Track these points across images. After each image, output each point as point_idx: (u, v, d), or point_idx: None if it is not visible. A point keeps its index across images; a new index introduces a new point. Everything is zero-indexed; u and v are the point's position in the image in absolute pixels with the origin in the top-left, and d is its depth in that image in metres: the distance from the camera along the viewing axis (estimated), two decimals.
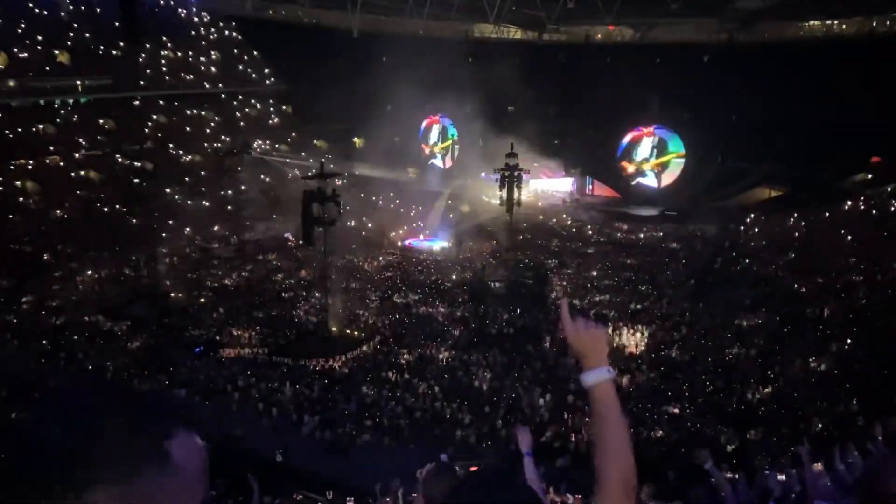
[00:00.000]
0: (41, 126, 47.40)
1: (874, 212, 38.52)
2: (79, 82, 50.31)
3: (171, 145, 51.72)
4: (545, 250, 43.77)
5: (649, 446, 19.90)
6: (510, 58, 51.90)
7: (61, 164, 46.44)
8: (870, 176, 44.24)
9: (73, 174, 46.17)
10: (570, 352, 2.64)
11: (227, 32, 61.46)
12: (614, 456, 2.40)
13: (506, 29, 54.19)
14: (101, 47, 51.94)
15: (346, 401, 23.56)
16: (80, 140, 48.30)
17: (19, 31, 48.40)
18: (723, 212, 47.19)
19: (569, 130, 55.26)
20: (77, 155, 47.64)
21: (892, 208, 37.54)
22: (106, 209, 43.94)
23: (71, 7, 49.62)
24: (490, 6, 40.68)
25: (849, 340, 25.66)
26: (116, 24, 51.20)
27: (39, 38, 48.99)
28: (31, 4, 50.18)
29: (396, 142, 59.98)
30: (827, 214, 41.30)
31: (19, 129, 45.97)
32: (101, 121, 50.35)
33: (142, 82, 53.48)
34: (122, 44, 50.86)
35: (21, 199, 42.37)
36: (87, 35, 51.86)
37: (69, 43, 50.68)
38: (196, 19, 60.36)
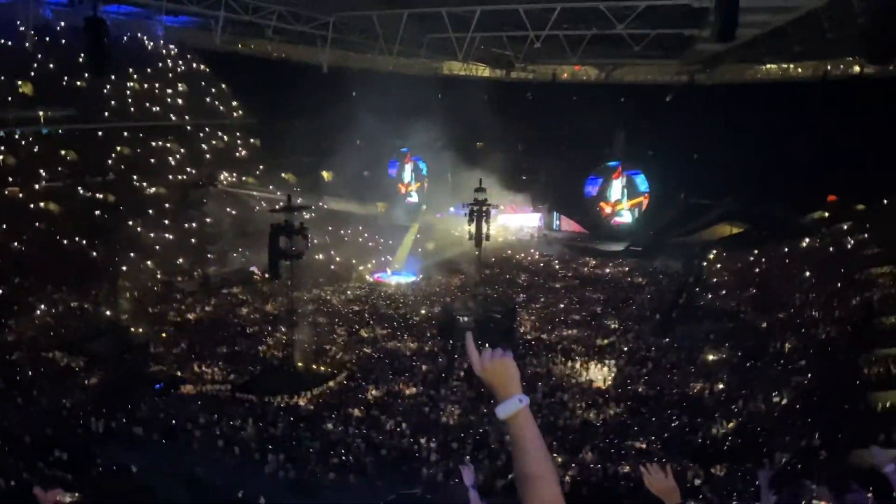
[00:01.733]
0: (0, 157, 46.50)
1: (831, 248, 39.66)
2: (41, 113, 49.58)
3: (135, 177, 51.10)
4: (514, 284, 44.01)
5: (616, 482, 19.96)
6: (479, 94, 52.79)
7: (20, 195, 45.50)
8: (826, 214, 45.65)
9: (31, 206, 45.22)
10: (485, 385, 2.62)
11: (194, 65, 61.34)
12: (537, 487, 2.33)
13: (474, 67, 55.14)
14: (66, 78, 51.35)
15: (311, 438, 23.17)
16: (41, 171, 47.43)
17: None
18: (686, 247, 48.23)
19: (537, 166, 56.22)
20: (37, 186, 46.73)
21: (849, 245, 38.67)
22: (66, 242, 43.05)
23: (35, 38, 48.96)
24: (459, 45, 41.31)
25: (809, 375, 26.13)
26: (82, 55, 50.75)
27: (2, 68, 48.27)
28: None
29: (365, 176, 60.22)
30: (786, 250, 42.43)
31: None
32: (64, 152, 49.61)
33: (106, 114, 52.95)
34: (87, 75, 50.26)
35: None
36: (52, 66, 51.27)
37: (32, 74, 50.03)
38: (164, 51, 60.12)
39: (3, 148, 46.66)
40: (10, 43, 49.59)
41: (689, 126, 45.86)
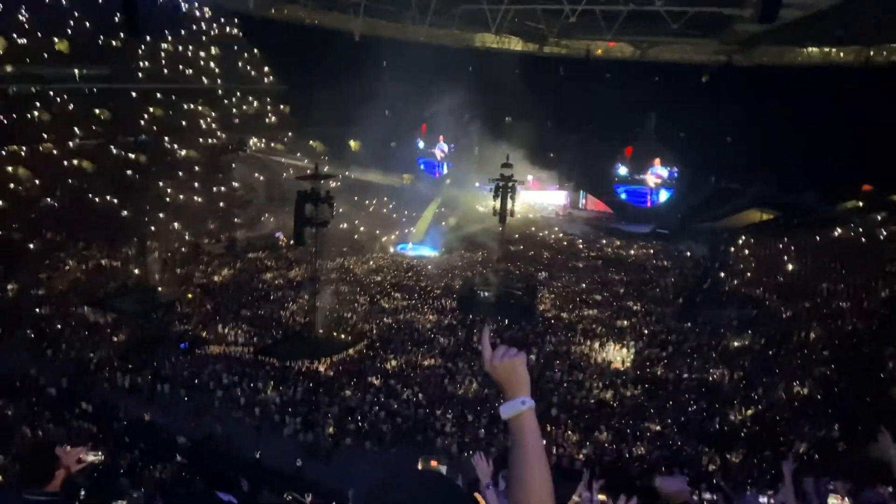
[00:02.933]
0: (36, 113, 47.19)
1: (863, 239, 38.81)
2: (76, 71, 50.15)
3: (166, 139, 51.62)
4: (536, 262, 43.88)
5: (631, 463, 19.98)
6: (510, 68, 52.08)
7: (54, 151, 46.25)
8: (860, 203, 44.63)
9: (65, 163, 45.99)
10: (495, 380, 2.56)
11: (228, 29, 61.53)
12: (530, 489, 2.31)
13: (507, 39, 54.36)
14: (101, 37, 51.80)
15: (329, 404, 23.47)
16: (75, 129, 48.12)
17: (20, 17, 48.20)
18: (714, 232, 47.52)
19: (565, 144, 55.44)
20: (71, 144, 47.45)
21: (881, 237, 37.81)
22: (97, 200, 43.77)
23: None
24: (492, 17, 40.68)
25: (832, 366, 25.83)
26: (117, 15, 51.12)
27: (39, 25, 48.77)
28: None
29: (392, 147, 60.01)
30: (817, 239, 41.62)
31: (14, 116, 45.74)
32: (98, 111, 50.18)
33: (140, 74, 53.35)
34: (122, 35, 50.63)
35: (12, 185, 42.14)
36: (88, 25, 51.71)
37: (69, 31, 50.51)
38: (198, 14, 60.32)
39: (38, 104, 47.39)
40: (47, 0, 50.04)
41: (723, 108, 44.75)
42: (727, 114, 44.89)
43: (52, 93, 48.64)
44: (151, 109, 52.94)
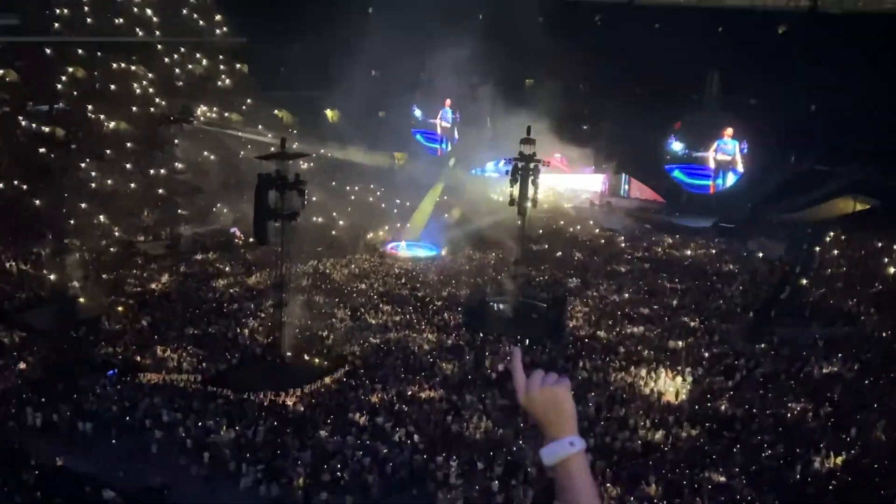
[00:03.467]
0: None
1: None
2: None
3: (90, 107, 51.48)
4: (565, 265, 43.92)
5: None
6: (531, 16, 52.14)
7: None
8: None
9: None
10: (532, 416, 2.58)
11: None
12: None
13: None
14: None
15: (300, 447, 23.50)
16: None
17: None
18: (793, 226, 47.43)
19: (603, 113, 55.39)
20: None
21: None
22: (1, 186, 43.70)
23: None
24: None
25: None
26: None
27: None
28: None
29: (381, 117, 60.09)
30: None
31: None
32: (2, 72, 50.15)
33: (56, 24, 53.20)
34: None
35: None
36: None
37: None
38: None
39: None
40: None
41: (806, 68, 44.77)
42: (812, 75, 44.80)
43: None
44: (70, 69, 52.78)
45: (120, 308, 34.51)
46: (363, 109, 53.67)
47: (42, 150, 46.98)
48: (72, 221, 40.86)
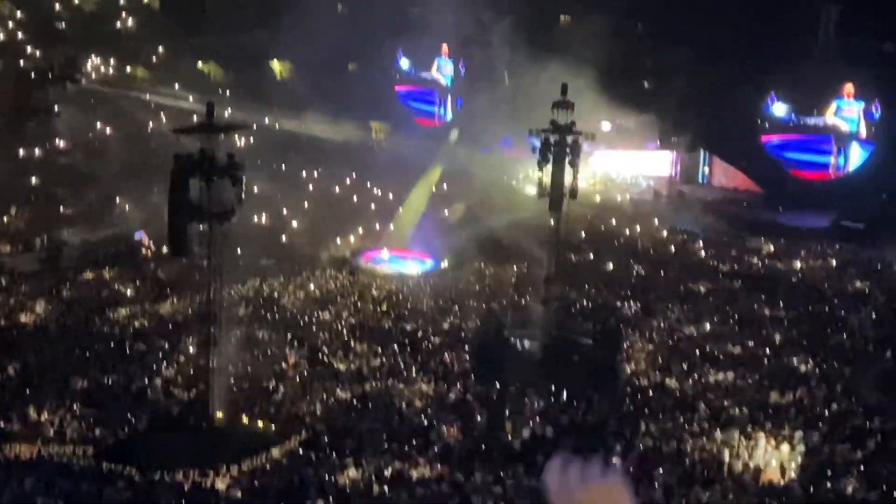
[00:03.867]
0: None
1: None
2: None
3: None
4: (619, 284, 44.05)
5: None
6: None
7: None
8: None
9: None
10: None
11: None
12: None
13: None
14: None
15: None
16: None
17: None
18: None
19: (672, 65, 55.25)
20: None
21: None
22: None
23: None
24: None
25: None
26: None
27: None
28: None
29: (351, 72, 59.91)
30: None
31: None
32: None
33: None
34: None
35: None
36: None
37: None
38: None
39: None
40: None
41: None
42: None
43: None
44: None
45: None
46: (325, 61, 53.47)
47: None
48: None
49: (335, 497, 26.10)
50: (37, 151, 47.17)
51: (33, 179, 46.69)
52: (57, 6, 57.80)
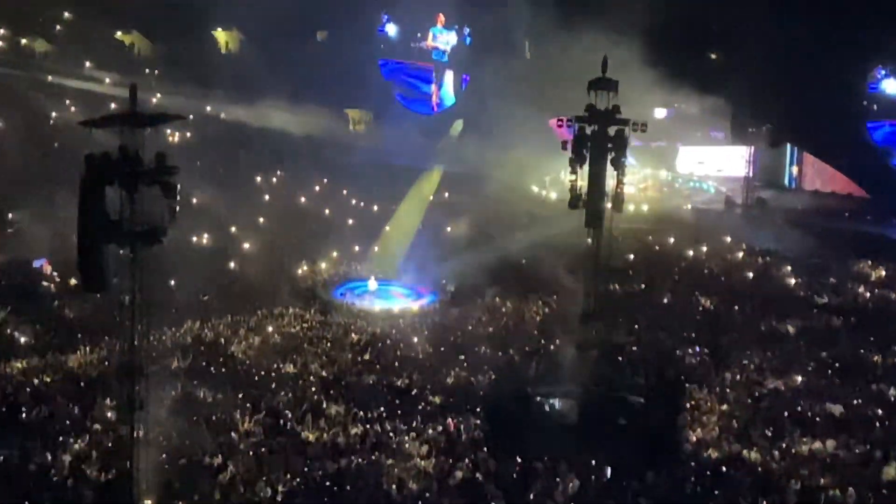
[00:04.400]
0: None
1: None
2: None
3: None
4: (679, 321, 44.15)
5: None
6: None
7: None
8: None
9: None
10: None
11: None
12: None
13: None
14: None
15: None
16: None
17: None
18: None
19: (745, 32, 55.40)
20: None
21: None
22: None
23: None
24: None
25: None
26: None
27: None
28: None
29: (320, 42, 60.07)
30: None
31: None
32: None
33: None
34: None
35: None
36: None
37: None
38: None
39: None
40: None
41: None
42: None
43: None
44: None
45: None
46: (286, 29, 53.65)
47: None
48: None
49: None
50: None
51: None
52: None
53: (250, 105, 55.23)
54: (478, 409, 36.14)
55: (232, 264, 47.14)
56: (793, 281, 49.25)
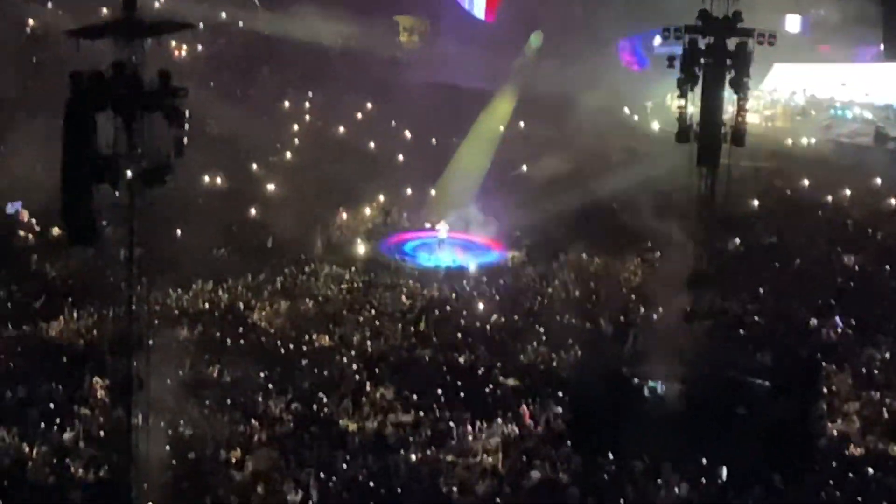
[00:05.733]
0: None
1: None
2: None
3: None
4: (815, 285, 41.70)
5: None
6: None
7: None
8: None
9: None
10: None
11: None
12: None
13: None
14: None
15: None
16: None
17: None
18: None
19: None
20: None
21: None
22: None
23: None
24: None
25: None
26: None
27: None
28: None
29: None
30: None
31: None
32: None
33: None
34: None
35: None
36: None
37: None
38: None
39: None
40: None
41: None
42: None
43: None
44: None
45: None
46: None
47: None
48: None
49: None
50: None
51: None
52: None
53: (275, 10, 53.97)
54: (559, 394, 33.77)
55: (252, 211, 46.16)
56: None
